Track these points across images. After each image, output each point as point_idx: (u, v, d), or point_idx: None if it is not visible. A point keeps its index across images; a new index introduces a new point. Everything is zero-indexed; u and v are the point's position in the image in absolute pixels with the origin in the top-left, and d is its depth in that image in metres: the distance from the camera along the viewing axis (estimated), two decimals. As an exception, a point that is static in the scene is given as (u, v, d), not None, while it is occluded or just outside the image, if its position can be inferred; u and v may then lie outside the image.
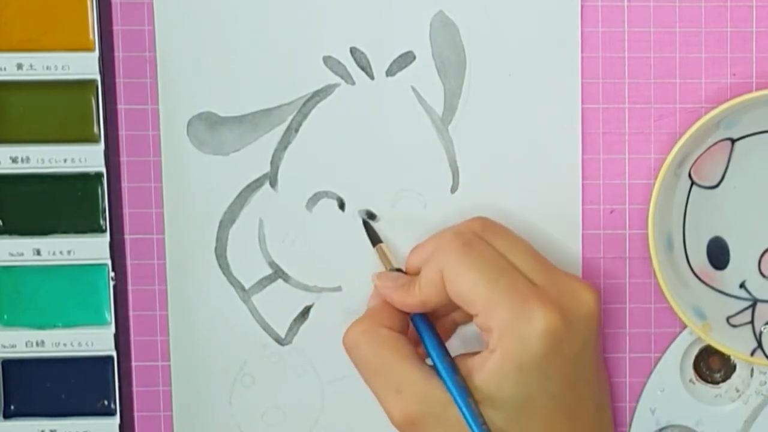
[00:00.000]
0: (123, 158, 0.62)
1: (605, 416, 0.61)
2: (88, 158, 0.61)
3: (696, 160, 0.62)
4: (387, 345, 0.58)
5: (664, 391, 0.64)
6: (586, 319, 0.57)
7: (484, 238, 0.58)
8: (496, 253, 0.57)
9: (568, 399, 0.57)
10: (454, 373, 0.56)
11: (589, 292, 0.58)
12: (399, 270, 0.61)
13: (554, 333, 0.55)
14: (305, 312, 0.63)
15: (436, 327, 0.59)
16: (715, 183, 0.62)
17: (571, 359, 0.56)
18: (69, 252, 0.61)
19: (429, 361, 0.58)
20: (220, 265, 0.62)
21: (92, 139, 0.61)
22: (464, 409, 0.55)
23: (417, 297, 0.58)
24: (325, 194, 0.62)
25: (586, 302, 0.57)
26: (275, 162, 0.62)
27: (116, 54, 0.61)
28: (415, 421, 0.57)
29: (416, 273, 0.59)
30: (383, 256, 0.61)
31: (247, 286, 0.63)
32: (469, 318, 0.59)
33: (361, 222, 0.62)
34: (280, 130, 0.62)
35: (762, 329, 0.63)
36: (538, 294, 0.56)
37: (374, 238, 0.62)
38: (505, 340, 0.55)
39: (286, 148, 0.62)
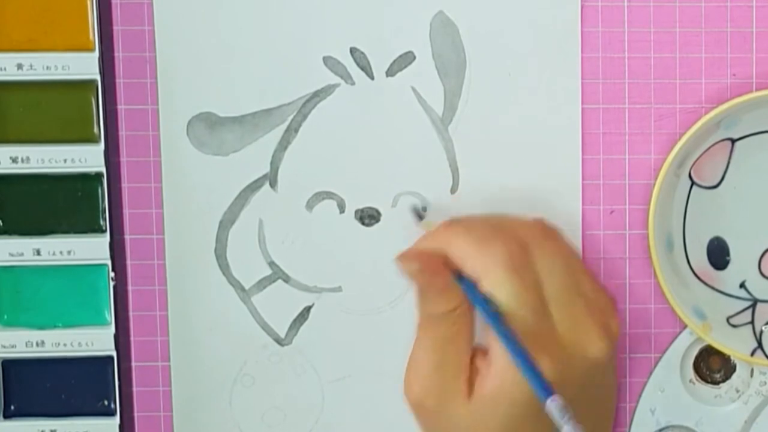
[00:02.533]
0: (123, 158, 0.62)
1: None
2: (88, 158, 0.61)
3: (696, 161, 0.62)
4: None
5: (664, 392, 0.64)
6: (588, 370, 0.57)
7: (533, 251, 0.56)
8: (535, 284, 0.56)
9: None
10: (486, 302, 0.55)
11: (601, 342, 0.57)
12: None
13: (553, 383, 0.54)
14: (305, 312, 0.63)
15: None
16: (715, 183, 0.62)
17: (567, 400, 0.56)
18: (69, 252, 0.61)
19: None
20: (220, 266, 0.62)
21: (92, 139, 0.61)
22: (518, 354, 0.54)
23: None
24: (325, 194, 0.62)
25: (592, 354, 0.57)
26: (275, 162, 0.62)
27: (116, 54, 0.61)
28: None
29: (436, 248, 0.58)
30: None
31: (247, 287, 0.63)
32: None
33: (359, 223, 0.62)
34: (280, 130, 0.62)
35: (762, 329, 0.63)
36: (548, 343, 0.55)
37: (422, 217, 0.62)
38: (506, 372, 0.55)
39: (286, 148, 0.62)
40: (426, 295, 0.57)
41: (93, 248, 0.62)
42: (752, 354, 0.62)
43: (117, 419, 0.62)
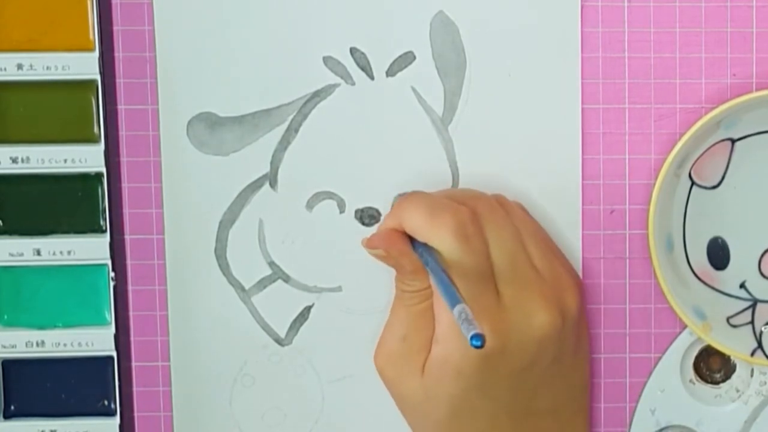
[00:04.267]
0: (123, 158, 0.62)
1: (573, 423, 0.61)
2: (88, 158, 0.61)
3: (696, 161, 0.62)
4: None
5: (664, 392, 0.64)
6: (536, 342, 0.57)
7: (485, 222, 0.58)
8: (484, 252, 0.57)
9: (512, 406, 0.58)
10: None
11: (546, 314, 0.57)
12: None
13: (491, 353, 0.56)
14: (305, 312, 0.63)
15: None
16: (715, 183, 0.62)
17: (515, 373, 0.57)
18: (69, 252, 0.61)
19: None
20: (220, 266, 0.62)
21: (92, 139, 0.61)
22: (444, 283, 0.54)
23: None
24: (325, 194, 0.62)
25: (536, 325, 0.57)
26: (275, 162, 0.62)
27: (116, 54, 0.61)
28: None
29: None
30: None
31: (247, 287, 0.63)
32: None
33: (359, 223, 0.62)
34: (280, 130, 0.62)
35: (762, 329, 0.63)
36: (490, 311, 0.56)
37: None
38: (450, 341, 0.56)
39: (286, 148, 0.62)
40: (399, 275, 0.59)
41: (93, 248, 0.62)
42: (752, 354, 0.62)
43: (117, 419, 0.62)
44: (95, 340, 0.62)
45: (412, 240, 0.58)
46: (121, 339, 0.62)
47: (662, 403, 0.64)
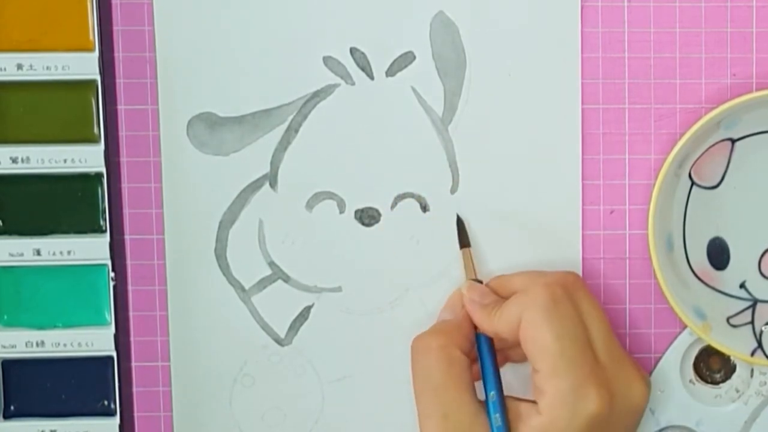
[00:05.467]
0: (123, 158, 0.62)
1: None
2: (88, 158, 0.61)
3: (696, 161, 0.62)
4: (455, 369, 0.58)
5: (664, 392, 0.64)
6: (633, 409, 0.59)
7: (571, 295, 0.58)
8: (578, 317, 0.58)
9: None
10: (500, 413, 0.57)
11: (643, 385, 0.59)
12: (479, 281, 0.61)
13: (600, 417, 0.56)
14: (305, 312, 0.63)
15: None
16: (715, 183, 0.62)
17: None
18: (69, 252, 0.61)
19: (481, 391, 0.59)
20: (220, 266, 0.62)
21: (92, 140, 0.61)
22: None
23: (493, 325, 0.59)
24: (325, 194, 0.62)
25: (638, 394, 0.58)
26: (275, 162, 0.62)
27: (116, 54, 0.61)
28: None
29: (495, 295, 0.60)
30: (468, 262, 0.61)
31: (247, 287, 0.63)
32: (524, 359, 0.60)
33: (359, 223, 0.62)
34: (280, 130, 0.62)
35: (762, 329, 0.63)
36: (598, 375, 0.57)
37: (464, 241, 0.62)
38: (556, 409, 0.56)
39: (286, 148, 0.62)
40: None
41: (93, 248, 0.62)
42: (752, 354, 0.62)
43: (117, 419, 0.62)
44: (95, 340, 0.62)
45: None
46: (121, 339, 0.62)
47: (662, 403, 0.64)
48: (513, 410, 0.58)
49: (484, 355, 0.59)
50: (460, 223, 0.62)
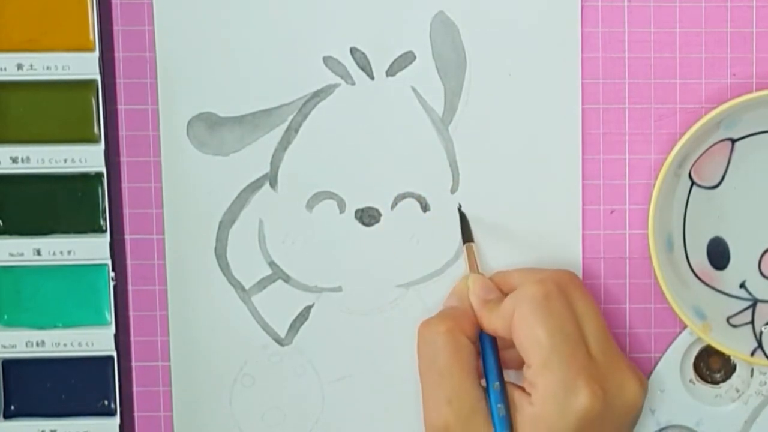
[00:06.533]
0: (123, 158, 0.62)
1: None
2: (88, 158, 0.61)
3: (696, 161, 0.62)
4: (461, 354, 0.58)
5: (664, 392, 0.64)
6: (627, 409, 0.58)
7: (566, 293, 0.59)
8: (571, 314, 0.58)
9: None
10: (503, 404, 0.58)
11: (637, 384, 0.59)
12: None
13: (592, 414, 0.56)
14: (305, 312, 0.63)
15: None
16: (715, 183, 0.62)
17: None
18: (69, 252, 0.61)
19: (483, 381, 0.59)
20: (220, 266, 0.62)
21: (92, 139, 0.61)
22: None
23: (491, 322, 0.59)
24: (325, 194, 0.62)
25: (631, 393, 0.58)
26: (275, 162, 0.62)
27: (116, 54, 0.61)
28: None
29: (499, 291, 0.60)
30: (470, 257, 0.61)
31: (247, 287, 0.63)
32: (518, 364, 0.60)
33: (359, 223, 0.62)
34: (280, 130, 0.62)
35: (762, 329, 0.63)
36: (590, 371, 0.57)
37: (467, 235, 0.62)
38: (547, 404, 0.56)
39: (286, 148, 0.62)
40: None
41: (93, 248, 0.62)
42: (752, 354, 0.62)
43: (117, 419, 0.62)
44: (95, 340, 0.62)
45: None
46: (121, 339, 0.62)
47: (662, 403, 0.64)
48: (509, 398, 0.58)
49: (486, 344, 0.59)
50: (463, 218, 0.62)
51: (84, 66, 0.60)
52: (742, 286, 0.63)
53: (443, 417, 0.58)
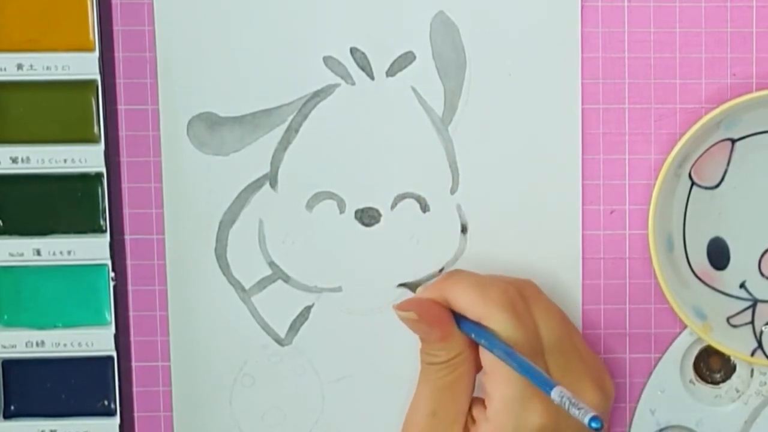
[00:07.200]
0: (123, 158, 0.62)
1: None
2: (88, 158, 0.61)
3: (696, 161, 0.62)
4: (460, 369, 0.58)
5: (664, 392, 0.64)
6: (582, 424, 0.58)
7: (528, 303, 0.58)
8: (534, 329, 0.58)
9: None
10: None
11: (595, 394, 0.58)
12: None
13: (546, 430, 0.56)
14: (305, 312, 0.63)
15: None
16: (715, 183, 0.62)
17: None
18: (69, 252, 0.62)
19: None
20: (220, 266, 0.62)
21: (92, 140, 0.61)
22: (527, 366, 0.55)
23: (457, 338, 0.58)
24: (325, 194, 0.62)
25: (588, 404, 0.57)
26: (275, 162, 0.62)
27: (116, 54, 0.61)
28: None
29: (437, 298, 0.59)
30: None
31: (247, 287, 0.63)
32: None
33: (359, 223, 0.62)
34: (280, 130, 0.62)
35: (762, 329, 0.63)
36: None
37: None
38: (501, 418, 0.56)
39: (286, 148, 0.62)
40: (425, 344, 0.59)
41: (93, 248, 0.62)
42: (752, 354, 0.62)
43: (117, 419, 0.62)
44: (95, 340, 0.62)
45: (457, 319, 0.58)
46: (121, 339, 0.62)
47: (662, 404, 0.64)
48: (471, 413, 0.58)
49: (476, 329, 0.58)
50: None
51: (84, 66, 0.60)
52: (742, 286, 0.63)
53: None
